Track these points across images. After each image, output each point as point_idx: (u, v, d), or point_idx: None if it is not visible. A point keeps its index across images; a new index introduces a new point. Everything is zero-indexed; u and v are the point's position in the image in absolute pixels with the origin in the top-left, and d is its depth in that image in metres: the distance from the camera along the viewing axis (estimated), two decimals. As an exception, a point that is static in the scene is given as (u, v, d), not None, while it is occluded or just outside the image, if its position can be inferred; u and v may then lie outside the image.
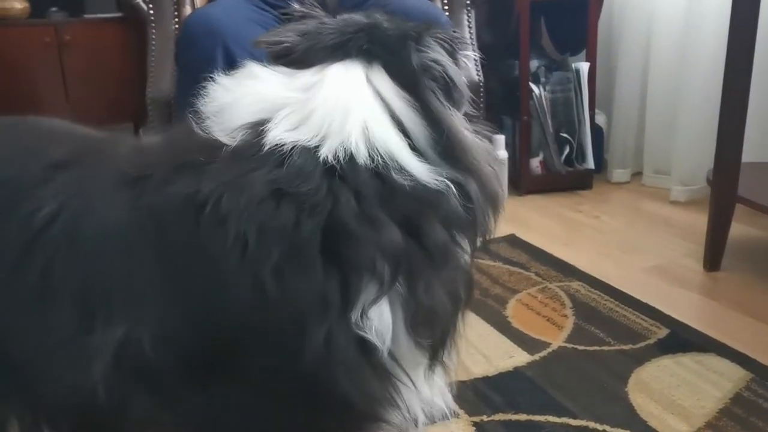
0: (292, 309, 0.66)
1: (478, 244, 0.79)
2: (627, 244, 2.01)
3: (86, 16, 3.13)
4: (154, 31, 2.14)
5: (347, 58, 0.77)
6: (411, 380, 0.73)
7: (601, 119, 2.65)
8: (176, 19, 2.14)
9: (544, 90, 2.47)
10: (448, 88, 0.78)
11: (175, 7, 2.13)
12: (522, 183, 2.51)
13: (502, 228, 2.25)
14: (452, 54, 0.81)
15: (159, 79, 2.12)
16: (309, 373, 0.67)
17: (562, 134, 2.49)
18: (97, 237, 0.71)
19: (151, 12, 2.13)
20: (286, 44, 0.84)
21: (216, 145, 0.72)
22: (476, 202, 0.75)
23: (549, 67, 2.54)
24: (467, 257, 0.78)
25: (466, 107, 0.84)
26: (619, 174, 2.60)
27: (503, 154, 2.46)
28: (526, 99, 2.44)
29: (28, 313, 0.73)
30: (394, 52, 0.77)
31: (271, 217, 0.66)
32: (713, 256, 1.80)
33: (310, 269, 0.66)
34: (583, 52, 2.54)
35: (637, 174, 2.62)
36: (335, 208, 0.67)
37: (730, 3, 1.65)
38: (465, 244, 0.76)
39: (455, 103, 0.79)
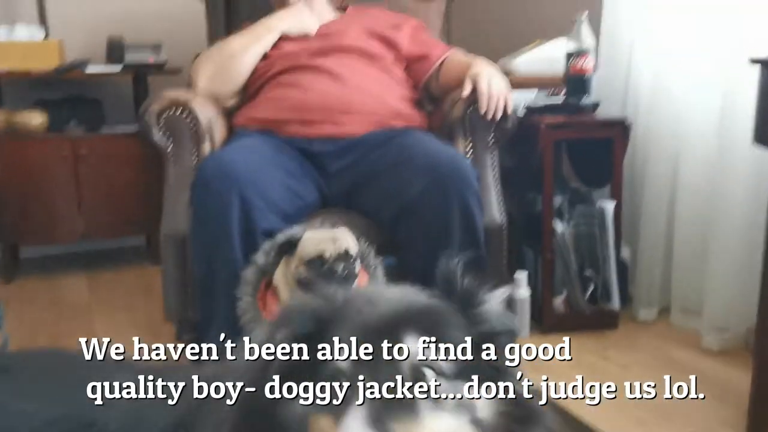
0: None
1: None
2: (660, 408, 1.89)
3: (104, 130, 3.12)
4: (172, 166, 2.11)
5: None
6: None
7: (625, 252, 2.57)
8: (195, 155, 2.11)
9: (568, 225, 2.40)
10: None
11: (194, 143, 2.10)
12: (545, 321, 2.41)
13: (526, 377, 2.13)
14: None
15: (174, 215, 2.08)
16: None
17: (586, 273, 2.41)
18: None
19: (170, 147, 2.10)
20: None
21: None
22: None
23: (572, 200, 2.48)
24: None
25: None
26: (645, 313, 2.50)
27: (525, 292, 2.38)
28: (549, 237, 2.37)
29: None
30: None
31: None
32: (757, 432, 1.68)
33: None
34: (608, 187, 2.48)
35: (665, 310, 2.52)
36: None
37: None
38: None
39: None
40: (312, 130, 2.06)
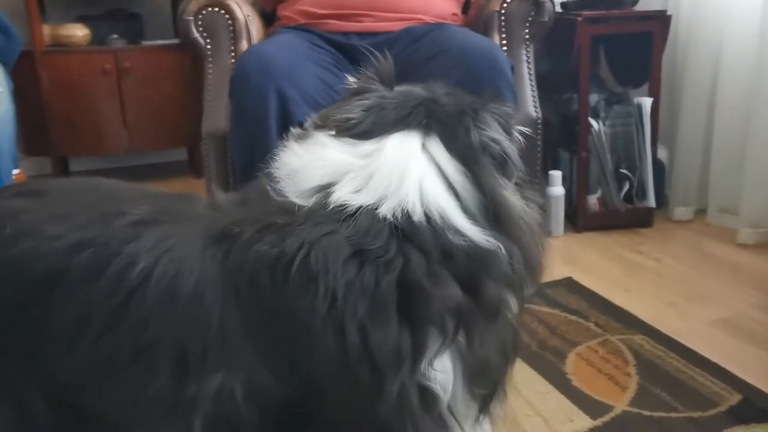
0: (372, 362, 0.70)
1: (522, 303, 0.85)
2: (692, 291, 1.92)
3: (145, 43, 3.18)
4: (210, 64, 2.15)
5: (407, 130, 0.83)
6: (463, 430, 0.78)
7: (663, 153, 2.55)
8: (233, 53, 2.14)
9: (604, 125, 2.39)
10: (503, 163, 0.84)
11: (232, 41, 2.14)
12: (579, 220, 2.44)
13: (559, 270, 2.18)
14: (507, 129, 0.88)
15: (214, 113, 2.13)
16: (384, 424, 0.71)
17: (621, 170, 2.41)
18: (193, 294, 0.73)
19: (209, 46, 2.14)
20: (352, 120, 0.87)
21: (290, 207, 0.78)
22: (518, 269, 0.80)
23: (609, 100, 2.46)
24: (513, 314, 0.83)
25: (517, 177, 0.89)
26: (681, 212, 2.50)
27: (559, 190, 2.39)
28: (585, 135, 2.37)
29: (123, 373, 0.74)
30: (450, 128, 0.83)
31: (356, 276, 0.71)
32: (787, 311, 1.70)
33: (388, 324, 0.71)
34: (646, 86, 2.45)
35: (701, 211, 2.51)
36: (407, 266, 0.73)
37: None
38: (512, 302, 0.81)
39: (507, 176, 0.85)
40: (350, 24, 2.07)
